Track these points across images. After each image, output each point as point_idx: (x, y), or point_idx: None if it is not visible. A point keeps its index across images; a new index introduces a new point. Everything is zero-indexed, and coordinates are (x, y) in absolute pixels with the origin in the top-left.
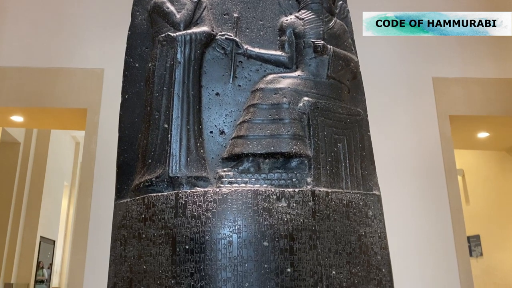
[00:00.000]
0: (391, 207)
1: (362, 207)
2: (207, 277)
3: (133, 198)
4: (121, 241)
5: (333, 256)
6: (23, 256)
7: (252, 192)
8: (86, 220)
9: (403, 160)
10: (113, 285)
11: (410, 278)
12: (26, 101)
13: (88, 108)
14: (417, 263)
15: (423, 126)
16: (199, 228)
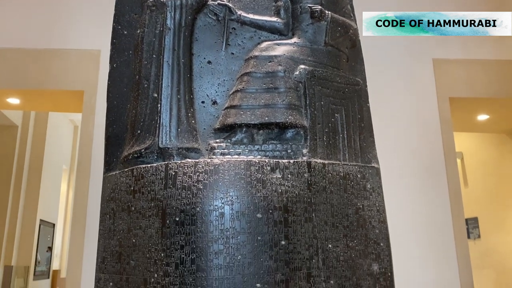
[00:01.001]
0: (389, 189)
1: (360, 180)
2: (198, 249)
3: (121, 170)
4: (110, 214)
5: (329, 229)
6: (23, 239)
7: (245, 163)
8: (84, 202)
9: (402, 142)
10: (102, 260)
11: (407, 260)
12: (22, 83)
13: (85, 90)
14: (415, 244)
15: (422, 108)
16: (189, 199)
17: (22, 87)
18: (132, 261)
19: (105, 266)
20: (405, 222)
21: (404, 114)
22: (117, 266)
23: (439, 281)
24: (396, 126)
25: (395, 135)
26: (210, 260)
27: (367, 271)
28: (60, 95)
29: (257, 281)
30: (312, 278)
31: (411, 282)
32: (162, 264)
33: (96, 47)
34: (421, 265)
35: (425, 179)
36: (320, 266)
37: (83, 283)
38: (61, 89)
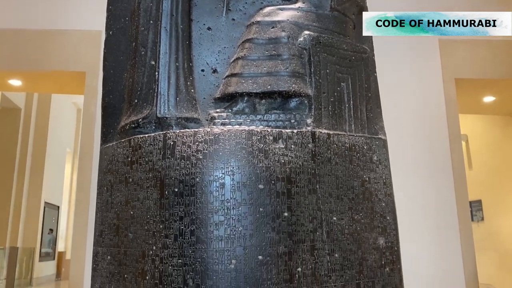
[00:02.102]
0: (394, 169)
1: (367, 151)
2: (198, 221)
3: (118, 141)
4: (107, 187)
5: (334, 201)
6: (28, 221)
7: (247, 133)
8: (87, 185)
9: (407, 123)
10: (100, 233)
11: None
12: (23, 64)
13: (87, 71)
14: (418, 226)
15: (428, 89)
16: (188, 170)
17: (23, 69)
18: (130, 234)
19: (103, 239)
20: (409, 204)
21: (409, 95)
22: (115, 239)
23: (442, 263)
24: (401, 107)
25: (399, 117)
26: (210, 232)
27: (373, 245)
28: (62, 77)
29: (259, 253)
30: (316, 251)
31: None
32: (160, 236)
33: (97, 27)
34: (424, 247)
35: (429, 162)
36: (324, 239)
37: (87, 264)
38: (63, 70)
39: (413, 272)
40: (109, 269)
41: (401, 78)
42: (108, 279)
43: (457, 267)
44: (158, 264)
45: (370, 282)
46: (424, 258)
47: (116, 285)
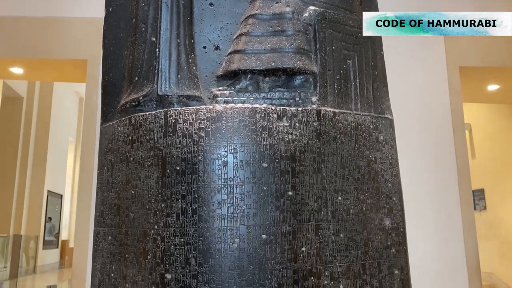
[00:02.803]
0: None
1: (373, 131)
2: (200, 199)
3: (119, 120)
4: (108, 166)
5: (339, 181)
6: (31, 209)
7: (250, 110)
8: (90, 173)
9: (410, 112)
10: (101, 213)
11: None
12: (24, 52)
13: (89, 59)
14: (421, 215)
15: (432, 78)
16: (190, 147)
17: (25, 56)
18: (131, 213)
19: (104, 219)
20: (412, 192)
21: (413, 84)
22: (116, 219)
23: (445, 252)
24: (404, 96)
25: (402, 106)
26: (213, 210)
27: (378, 226)
28: (63, 65)
29: (263, 232)
30: (321, 231)
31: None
32: (162, 215)
33: (99, 15)
34: (427, 236)
35: (432, 151)
36: (329, 219)
37: (90, 252)
38: (64, 58)
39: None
40: (110, 249)
41: (405, 67)
42: (109, 259)
43: (459, 256)
44: (160, 243)
45: (376, 263)
46: (426, 247)
47: (117, 265)
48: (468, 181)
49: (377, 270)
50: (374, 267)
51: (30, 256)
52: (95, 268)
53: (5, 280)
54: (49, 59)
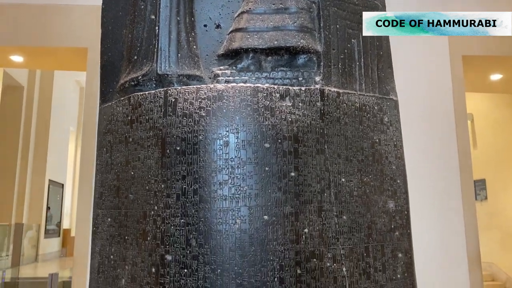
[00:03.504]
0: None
1: (377, 112)
2: (201, 179)
3: (118, 100)
4: (107, 147)
5: (342, 162)
6: (33, 199)
7: (252, 89)
8: (91, 163)
9: (412, 101)
10: (100, 195)
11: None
12: (24, 39)
13: (89, 47)
14: (422, 204)
15: (434, 67)
16: (191, 127)
17: (25, 44)
18: (131, 195)
19: (103, 201)
20: (413, 182)
21: (415, 72)
22: (115, 200)
23: (445, 241)
24: (407, 85)
25: (404, 93)
26: (214, 191)
27: (382, 208)
28: (63, 53)
29: (265, 213)
30: (324, 213)
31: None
32: (162, 195)
33: (99, 2)
34: (428, 225)
35: (434, 140)
36: (332, 201)
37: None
38: (65, 46)
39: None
40: (110, 231)
41: (408, 56)
42: (109, 241)
43: (460, 246)
44: (160, 224)
45: (379, 246)
46: (427, 236)
47: (116, 247)
48: (469, 171)
49: (380, 253)
50: (378, 250)
51: (31, 245)
52: (94, 250)
53: (7, 268)
54: (49, 47)
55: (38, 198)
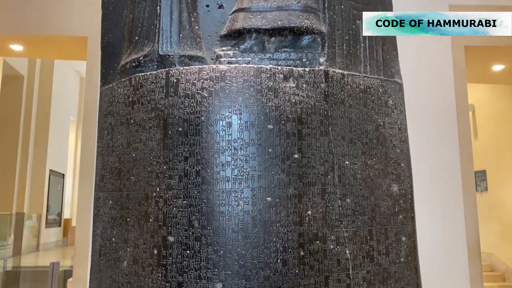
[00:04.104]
0: None
1: (382, 95)
2: (204, 161)
3: (119, 81)
4: (108, 130)
5: (347, 145)
6: (33, 188)
7: (255, 70)
8: (91, 152)
9: (413, 91)
10: (101, 178)
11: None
12: (24, 28)
13: (89, 36)
14: (423, 195)
15: (436, 57)
16: (193, 108)
17: (24, 33)
18: (133, 177)
19: (104, 184)
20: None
21: (417, 62)
22: (117, 183)
23: (446, 232)
24: (408, 74)
25: (406, 83)
26: (216, 172)
27: (386, 192)
28: (63, 42)
29: (268, 195)
30: (327, 195)
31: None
32: (164, 177)
33: None
34: (429, 215)
35: (435, 131)
36: (336, 183)
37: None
38: (64, 35)
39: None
40: (111, 213)
41: (409, 46)
42: (110, 224)
43: (460, 236)
44: (162, 205)
45: (383, 229)
46: (427, 226)
47: (118, 230)
48: (470, 162)
49: (384, 236)
50: (381, 233)
51: (32, 235)
52: (96, 233)
53: (9, 257)
54: (49, 36)
55: (39, 188)
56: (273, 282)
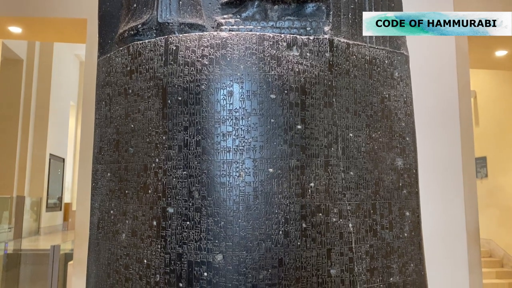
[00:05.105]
0: None
1: (388, 66)
2: (204, 131)
3: (117, 50)
4: (106, 101)
5: (351, 117)
6: (34, 172)
7: (257, 37)
8: (91, 136)
9: (415, 76)
10: (99, 150)
11: None
12: (23, 10)
13: (88, 18)
14: (423, 180)
15: (438, 42)
16: (193, 76)
17: (23, 15)
18: (131, 148)
19: (102, 156)
20: None
21: (419, 47)
22: (115, 154)
23: (445, 217)
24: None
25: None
26: (217, 143)
27: (390, 166)
28: (63, 24)
29: (270, 166)
30: (330, 167)
31: None
32: (164, 147)
33: None
34: (428, 201)
35: (437, 116)
36: (339, 155)
37: None
38: (64, 17)
39: None
40: (109, 186)
41: None
42: (108, 196)
43: (459, 222)
44: (162, 176)
45: (386, 203)
46: (427, 212)
47: (116, 202)
48: (471, 148)
49: (387, 211)
50: (385, 207)
51: (33, 219)
52: (94, 206)
53: (10, 240)
54: (48, 17)
55: (39, 172)
56: (275, 254)
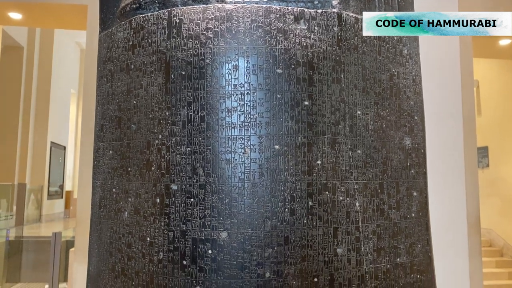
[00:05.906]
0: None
1: (397, 43)
2: (208, 106)
3: (118, 25)
4: (107, 77)
5: (359, 94)
6: (35, 160)
7: (264, 10)
8: (92, 124)
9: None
10: (100, 128)
11: None
12: None
13: (89, 4)
14: None
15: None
16: (197, 50)
17: (23, 0)
18: (133, 125)
19: (104, 133)
20: None
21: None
22: (117, 132)
23: (446, 206)
24: None
25: None
26: (221, 118)
27: (398, 145)
28: (63, 10)
29: (276, 143)
30: (338, 145)
31: None
32: (167, 123)
33: None
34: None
35: (439, 106)
36: (347, 133)
37: None
38: (64, 3)
39: None
40: (111, 164)
41: None
42: (111, 174)
43: (460, 211)
44: (165, 153)
45: (394, 182)
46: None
47: (119, 180)
48: (473, 138)
49: (395, 190)
50: (392, 187)
51: (34, 206)
52: (96, 185)
53: (11, 227)
54: (48, 3)
55: (41, 159)
56: (280, 232)
